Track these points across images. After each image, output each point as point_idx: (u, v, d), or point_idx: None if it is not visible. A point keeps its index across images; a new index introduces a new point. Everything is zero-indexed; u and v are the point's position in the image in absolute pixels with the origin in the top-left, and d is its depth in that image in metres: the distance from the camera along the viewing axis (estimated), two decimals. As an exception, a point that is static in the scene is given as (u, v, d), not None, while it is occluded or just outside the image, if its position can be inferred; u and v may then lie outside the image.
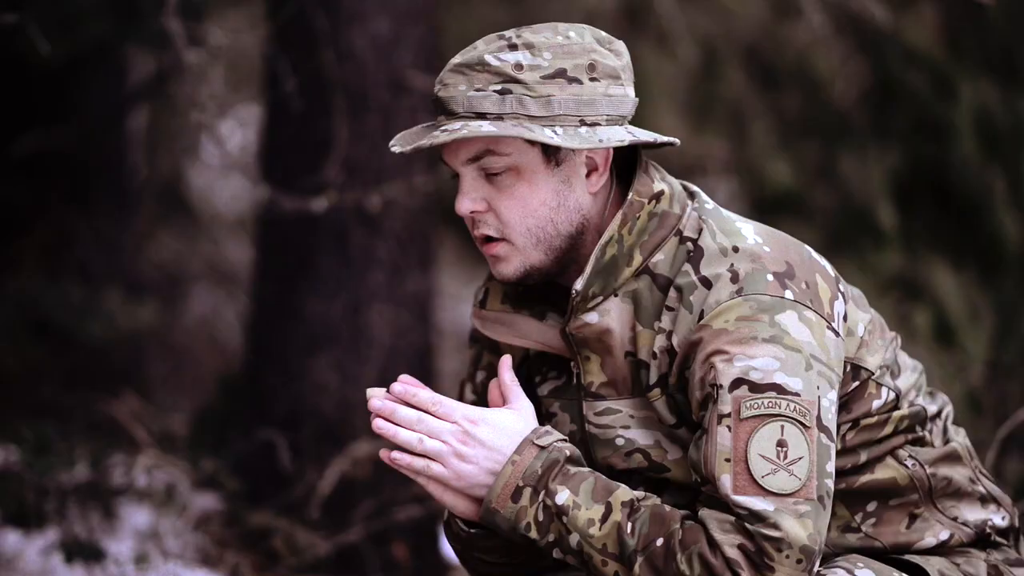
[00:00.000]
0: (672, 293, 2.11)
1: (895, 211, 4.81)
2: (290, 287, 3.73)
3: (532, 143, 2.09)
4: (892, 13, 4.69)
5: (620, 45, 2.16)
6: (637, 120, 2.18)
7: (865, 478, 2.19)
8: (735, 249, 2.11)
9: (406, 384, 2.13)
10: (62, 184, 4.66)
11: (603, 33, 2.15)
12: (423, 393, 2.13)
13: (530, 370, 2.27)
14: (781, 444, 2.02)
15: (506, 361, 2.21)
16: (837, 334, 2.10)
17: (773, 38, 5.38)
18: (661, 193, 2.15)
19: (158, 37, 3.63)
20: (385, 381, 3.59)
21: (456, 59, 2.12)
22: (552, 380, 2.24)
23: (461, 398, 2.35)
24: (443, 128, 2.09)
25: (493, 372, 2.31)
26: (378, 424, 2.12)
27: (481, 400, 2.33)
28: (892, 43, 4.88)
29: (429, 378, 3.74)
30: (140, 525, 3.52)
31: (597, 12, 5.49)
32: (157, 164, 5.32)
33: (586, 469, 2.11)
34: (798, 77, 5.23)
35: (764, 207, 5.07)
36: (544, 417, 2.25)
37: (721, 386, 2.04)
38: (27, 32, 3.31)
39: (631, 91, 2.15)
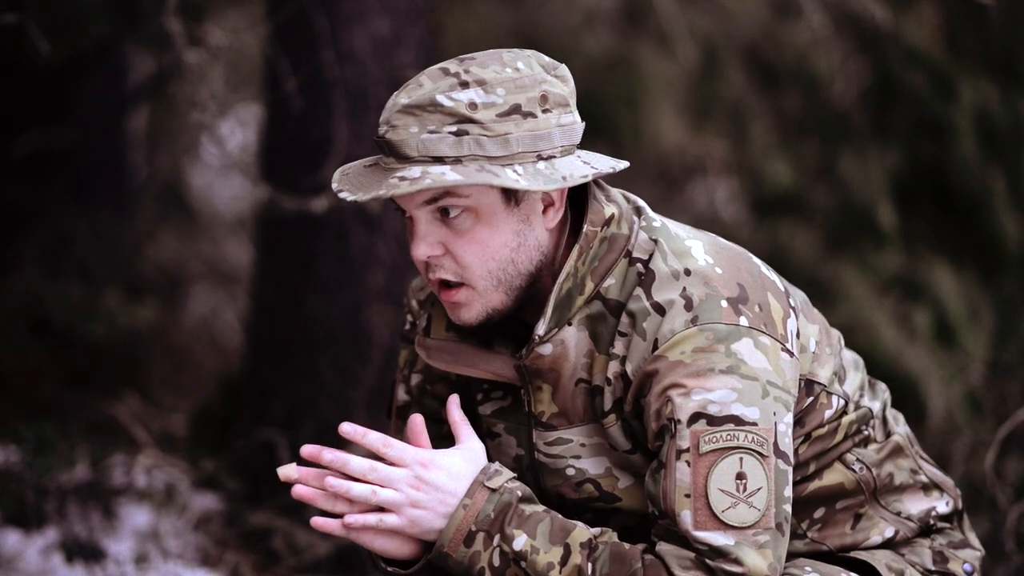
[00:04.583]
0: (624, 318, 2.07)
1: (895, 211, 4.81)
2: (290, 287, 3.73)
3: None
4: (892, 13, 4.69)
5: (564, 69, 2.10)
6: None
7: (813, 485, 2.19)
8: (687, 272, 2.07)
9: (354, 427, 2.10)
10: (62, 184, 4.67)
11: (547, 58, 2.10)
12: (372, 435, 2.10)
13: (471, 386, 2.23)
14: (740, 476, 2.01)
15: (454, 399, 2.16)
16: (791, 354, 2.08)
17: (773, 38, 5.37)
18: (612, 216, 2.10)
19: (158, 37, 3.63)
20: (385, 381, 3.63)
21: (402, 98, 2.03)
22: (496, 400, 2.21)
23: (393, 398, 2.33)
24: (399, 175, 2.00)
25: (428, 375, 2.28)
26: (298, 490, 2.09)
27: (415, 401, 2.30)
28: (892, 43, 4.87)
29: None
30: (140, 525, 3.52)
31: (597, 12, 5.49)
32: (157, 164, 5.33)
33: (540, 508, 2.08)
34: (798, 77, 5.22)
35: (764, 207, 5.06)
36: (485, 435, 2.23)
37: (679, 421, 2.01)
38: (27, 32, 3.31)
39: (578, 116, 2.10)
